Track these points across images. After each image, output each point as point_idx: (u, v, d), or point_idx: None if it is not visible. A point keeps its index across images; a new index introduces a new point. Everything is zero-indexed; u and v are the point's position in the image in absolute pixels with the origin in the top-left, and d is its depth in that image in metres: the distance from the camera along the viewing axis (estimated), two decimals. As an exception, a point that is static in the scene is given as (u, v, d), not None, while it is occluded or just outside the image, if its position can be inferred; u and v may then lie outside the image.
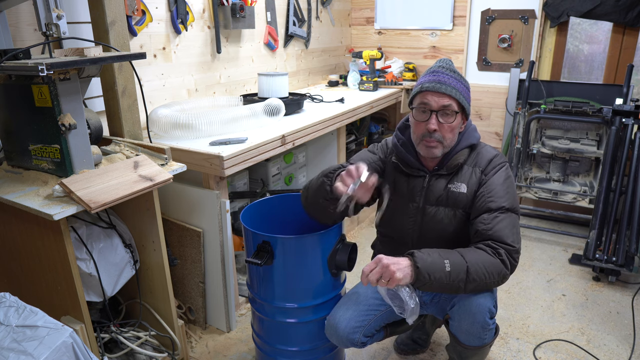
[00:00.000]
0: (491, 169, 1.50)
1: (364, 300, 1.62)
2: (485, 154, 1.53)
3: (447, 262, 1.34)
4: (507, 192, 1.46)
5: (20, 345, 1.04)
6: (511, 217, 1.44)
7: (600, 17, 2.81)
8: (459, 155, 1.50)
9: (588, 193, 2.91)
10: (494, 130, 3.34)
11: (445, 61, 1.51)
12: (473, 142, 1.52)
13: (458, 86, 1.45)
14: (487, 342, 1.51)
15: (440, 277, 1.33)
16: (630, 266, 2.34)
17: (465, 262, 1.35)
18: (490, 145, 1.58)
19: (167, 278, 1.73)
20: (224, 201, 1.92)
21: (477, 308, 1.44)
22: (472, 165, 1.51)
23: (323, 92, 3.12)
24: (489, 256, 1.38)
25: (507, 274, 1.40)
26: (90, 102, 1.95)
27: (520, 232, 1.45)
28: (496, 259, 1.37)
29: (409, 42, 3.50)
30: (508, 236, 1.40)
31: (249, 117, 2.13)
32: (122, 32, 1.69)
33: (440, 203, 1.51)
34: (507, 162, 1.54)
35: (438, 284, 1.33)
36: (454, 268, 1.34)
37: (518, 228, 1.45)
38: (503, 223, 1.41)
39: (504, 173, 1.49)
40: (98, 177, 1.44)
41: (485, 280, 1.37)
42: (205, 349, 2.00)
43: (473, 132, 1.55)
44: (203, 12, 2.43)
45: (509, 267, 1.39)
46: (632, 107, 2.57)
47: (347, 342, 1.56)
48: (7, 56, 1.32)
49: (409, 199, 1.56)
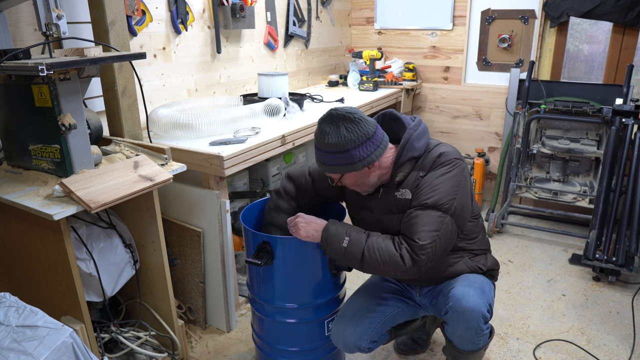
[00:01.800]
0: (431, 169, 1.44)
1: (369, 305, 1.63)
2: (431, 156, 1.45)
3: (346, 240, 1.42)
4: (433, 189, 1.40)
5: (20, 345, 1.04)
6: (427, 214, 1.38)
7: (600, 17, 2.81)
8: (399, 171, 1.47)
9: (588, 193, 2.91)
10: (494, 130, 3.34)
11: (321, 128, 1.41)
12: (413, 155, 1.45)
13: (330, 160, 1.41)
14: (482, 347, 1.52)
15: (336, 249, 1.43)
16: (630, 266, 2.34)
17: (363, 246, 1.40)
18: (445, 144, 1.49)
19: (167, 278, 1.73)
20: (224, 201, 1.92)
21: (470, 314, 1.43)
22: (417, 169, 1.46)
23: (323, 92, 3.12)
24: (391, 248, 1.39)
25: (403, 268, 1.37)
26: (90, 102, 1.95)
27: (438, 230, 1.37)
28: (395, 252, 1.38)
29: (409, 42, 3.50)
30: (415, 232, 1.37)
31: (249, 117, 2.14)
32: (122, 32, 1.69)
33: (392, 211, 1.50)
34: (456, 158, 1.45)
35: (335, 254, 1.45)
36: (351, 247, 1.41)
37: (435, 226, 1.37)
38: (416, 219, 1.39)
39: (440, 171, 1.42)
40: (98, 177, 1.44)
41: (380, 268, 1.41)
42: (205, 349, 2.00)
43: (415, 143, 1.46)
44: (203, 12, 2.43)
45: (406, 262, 1.36)
46: (632, 107, 2.56)
47: (354, 348, 1.59)
48: (7, 56, 1.32)
49: (369, 211, 1.57)
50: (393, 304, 1.65)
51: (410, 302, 1.68)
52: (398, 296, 1.68)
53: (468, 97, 3.37)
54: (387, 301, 1.65)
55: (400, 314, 1.66)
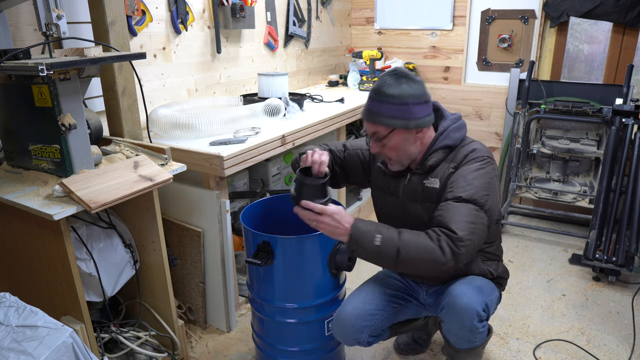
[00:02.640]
0: (464, 163, 1.44)
1: (372, 299, 1.62)
2: (465, 150, 1.47)
3: (379, 238, 1.33)
4: (468, 184, 1.38)
5: (20, 345, 1.04)
6: (466, 207, 1.35)
7: (600, 17, 2.81)
8: (432, 157, 1.48)
9: (588, 193, 2.91)
10: (494, 130, 3.34)
11: (383, 79, 1.41)
12: (448, 144, 1.47)
13: (385, 110, 1.39)
14: (478, 345, 1.51)
15: (368, 248, 1.34)
16: (630, 266, 2.34)
17: (398, 242, 1.32)
18: (478, 142, 1.51)
19: (167, 278, 1.73)
20: (224, 201, 1.92)
21: (464, 312, 1.43)
22: (449, 161, 1.47)
23: (323, 92, 3.12)
24: (428, 240, 1.31)
25: (443, 261, 1.30)
26: (90, 102, 1.95)
27: (475, 224, 1.34)
28: (434, 244, 1.30)
29: (409, 42, 3.50)
30: (453, 222, 1.32)
31: (249, 117, 2.14)
32: (122, 32, 1.69)
33: (417, 199, 1.51)
34: (488, 157, 1.45)
35: (366, 253, 1.36)
36: (384, 245, 1.32)
37: (472, 219, 1.34)
38: (453, 210, 1.35)
39: (474, 166, 1.42)
40: (98, 177, 1.44)
41: (417, 264, 1.33)
42: (205, 349, 2.00)
43: (452, 133, 1.48)
44: (203, 12, 2.43)
45: (447, 254, 1.29)
46: (632, 107, 2.56)
47: (353, 341, 1.58)
48: (7, 56, 1.32)
49: (394, 196, 1.58)
50: (396, 301, 1.65)
51: (414, 301, 1.68)
52: (402, 293, 1.68)
53: (468, 97, 3.37)
54: (391, 298, 1.65)
55: (402, 311, 1.66)
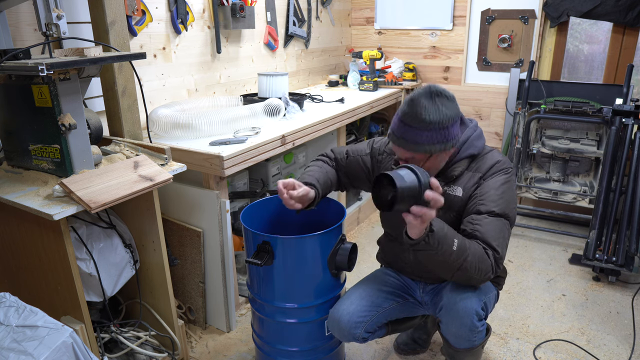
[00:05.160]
0: (491, 174, 1.45)
1: (368, 295, 1.63)
2: (488, 160, 1.48)
3: (456, 243, 1.31)
4: (500, 197, 1.41)
5: (20, 345, 1.04)
6: (500, 222, 1.39)
7: (600, 17, 2.81)
8: (456, 166, 1.48)
9: (588, 193, 2.91)
10: (494, 130, 3.34)
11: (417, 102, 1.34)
12: (473, 153, 1.47)
13: (424, 138, 1.34)
14: (477, 344, 1.51)
15: (446, 252, 1.29)
16: (630, 266, 2.34)
17: (467, 250, 1.32)
18: (497, 151, 1.52)
19: (167, 278, 1.73)
20: (224, 201, 1.92)
21: (463, 311, 1.43)
22: (472, 170, 1.48)
23: (323, 92, 3.12)
24: (484, 255, 1.35)
25: (490, 276, 1.37)
26: (90, 102, 1.95)
27: (506, 240, 1.40)
28: (489, 259, 1.35)
29: (409, 42, 3.50)
30: (493, 239, 1.36)
31: (249, 117, 2.14)
32: (122, 32, 1.69)
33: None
34: (511, 168, 1.49)
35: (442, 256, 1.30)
36: (458, 250, 1.31)
37: (506, 235, 1.40)
38: (490, 226, 1.38)
39: (502, 178, 1.45)
40: (98, 177, 1.44)
41: (472, 275, 1.35)
42: (205, 349, 2.00)
43: (475, 141, 1.49)
44: (203, 12, 2.43)
45: (493, 270, 1.36)
46: (632, 107, 2.56)
47: (348, 336, 1.58)
48: (7, 56, 1.32)
49: None
50: (392, 298, 1.65)
51: (410, 299, 1.69)
52: (398, 291, 1.68)
53: (468, 97, 3.37)
54: (387, 295, 1.65)
55: (397, 308, 1.66)
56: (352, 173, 1.71)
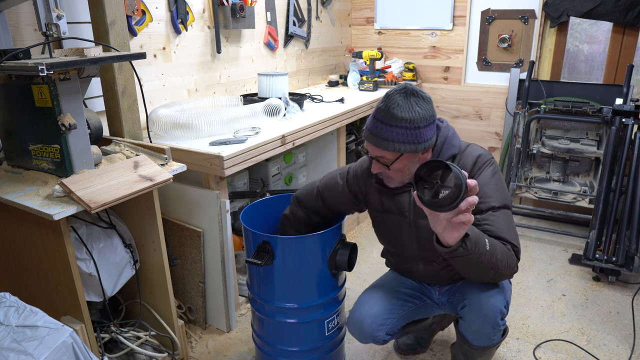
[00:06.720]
0: (477, 169, 1.43)
1: (387, 298, 1.63)
2: (469, 156, 1.45)
3: (488, 243, 1.29)
4: (495, 190, 1.41)
5: (20, 345, 1.04)
6: (504, 214, 1.40)
7: (600, 17, 2.81)
8: None
9: (588, 193, 2.91)
10: (494, 130, 3.34)
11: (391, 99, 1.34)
12: (455, 153, 1.45)
13: (394, 136, 1.32)
14: (495, 343, 1.51)
15: (481, 252, 1.26)
16: (630, 266, 2.34)
17: (495, 247, 1.31)
18: (474, 144, 1.50)
19: (167, 278, 1.73)
20: (224, 201, 1.92)
21: (488, 309, 1.43)
22: None
23: (323, 92, 3.12)
24: (506, 249, 1.35)
25: (516, 270, 1.38)
26: (90, 102, 1.95)
27: (514, 227, 1.42)
28: (514, 256, 1.36)
29: (409, 42, 3.50)
30: (506, 233, 1.37)
31: (249, 117, 2.14)
32: (122, 32, 1.69)
33: None
34: (492, 157, 1.47)
35: (478, 256, 1.26)
36: (491, 249, 1.29)
37: (513, 225, 1.41)
38: (498, 221, 1.37)
39: (489, 171, 1.43)
40: (98, 177, 1.44)
41: (503, 272, 1.34)
42: (205, 349, 2.00)
43: (453, 140, 1.46)
44: (203, 12, 2.43)
45: (517, 267, 1.37)
46: (632, 107, 2.56)
47: (369, 338, 1.59)
48: (7, 56, 1.32)
49: (400, 215, 1.53)
50: (410, 300, 1.66)
51: (428, 300, 1.69)
52: (416, 292, 1.68)
53: (468, 97, 3.37)
54: (406, 297, 1.65)
55: (417, 310, 1.67)
56: (334, 205, 1.67)
